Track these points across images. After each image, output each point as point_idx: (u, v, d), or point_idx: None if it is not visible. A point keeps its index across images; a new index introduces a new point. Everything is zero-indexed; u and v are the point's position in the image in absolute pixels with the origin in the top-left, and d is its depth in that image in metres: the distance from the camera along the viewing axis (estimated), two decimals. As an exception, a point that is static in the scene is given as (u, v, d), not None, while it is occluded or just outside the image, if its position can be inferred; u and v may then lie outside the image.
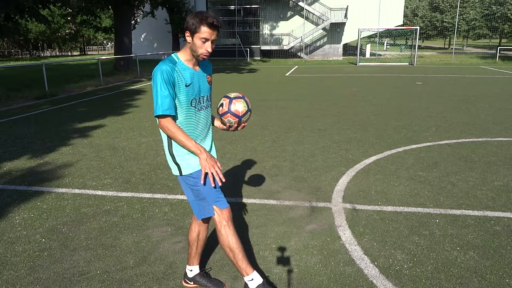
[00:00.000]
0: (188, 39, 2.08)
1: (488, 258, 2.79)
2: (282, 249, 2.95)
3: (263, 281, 2.23)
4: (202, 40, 2.05)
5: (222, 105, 2.29)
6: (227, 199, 3.22)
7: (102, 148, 5.84)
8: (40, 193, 4.12)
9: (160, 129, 2.16)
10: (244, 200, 3.87)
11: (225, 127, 2.35)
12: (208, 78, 2.26)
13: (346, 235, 3.14)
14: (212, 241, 3.06)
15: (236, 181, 4.39)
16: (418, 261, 2.76)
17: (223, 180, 2.10)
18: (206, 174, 2.13)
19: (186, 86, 2.10)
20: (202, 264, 2.74)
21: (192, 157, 2.18)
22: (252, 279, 2.22)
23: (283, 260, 2.79)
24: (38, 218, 3.52)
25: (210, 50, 2.08)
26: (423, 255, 2.83)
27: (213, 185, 2.15)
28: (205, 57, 2.10)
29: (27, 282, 2.57)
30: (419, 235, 3.13)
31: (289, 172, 4.68)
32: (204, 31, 2.03)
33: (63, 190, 4.20)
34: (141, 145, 6.01)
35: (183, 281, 2.56)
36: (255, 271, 2.24)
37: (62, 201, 3.89)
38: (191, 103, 2.14)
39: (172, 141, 2.17)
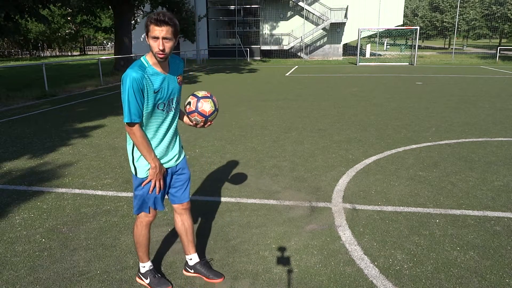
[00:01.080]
0: (148, 41, 2.05)
1: (488, 258, 2.79)
2: (282, 249, 2.95)
3: (151, 269, 2.55)
4: (154, 39, 2.01)
5: (189, 103, 2.32)
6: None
7: (102, 148, 5.84)
8: (40, 193, 4.12)
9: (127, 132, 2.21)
10: (244, 200, 3.87)
11: (191, 123, 2.42)
12: (178, 78, 2.28)
13: (346, 235, 3.14)
14: (211, 240, 3.06)
15: (236, 181, 4.39)
16: (418, 261, 2.76)
17: (156, 192, 2.32)
18: (149, 183, 2.30)
19: (154, 92, 2.11)
20: (202, 254, 2.82)
21: (148, 165, 2.27)
22: (144, 266, 2.55)
23: (283, 260, 2.79)
24: (38, 218, 3.52)
25: (161, 48, 2.01)
26: (423, 255, 2.83)
27: (151, 192, 2.32)
28: (161, 56, 2.04)
29: (27, 282, 2.57)
30: (419, 235, 3.13)
31: (289, 172, 4.68)
32: (153, 29, 1.99)
33: (63, 190, 4.20)
34: (141, 145, 6.01)
35: (183, 270, 2.67)
36: (150, 261, 2.57)
37: (62, 201, 3.89)
38: (158, 106, 2.17)
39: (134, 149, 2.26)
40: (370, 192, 4.02)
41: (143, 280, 2.55)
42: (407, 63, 25.50)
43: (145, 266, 2.55)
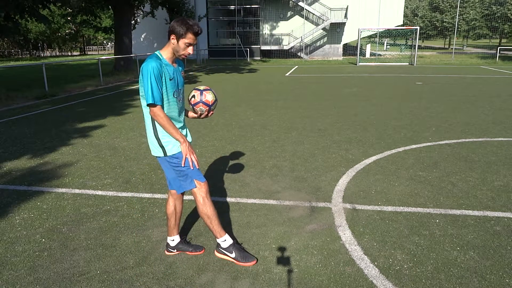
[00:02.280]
0: (173, 41, 2.43)
1: (488, 258, 2.79)
2: (282, 249, 2.95)
3: (233, 242, 2.71)
4: (186, 44, 2.42)
5: (194, 96, 2.62)
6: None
7: (102, 148, 5.84)
8: (40, 193, 4.12)
9: (145, 116, 2.54)
10: (244, 200, 3.87)
11: (196, 115, 2.72)
12: (182, 73, 2.63)
13: (346, 235, 3.14)
14: (212, 240, 3.07)
15: (236, 181, 4.39)
16: (418, 261, 2.76)
17: (197, 166, 2.55)
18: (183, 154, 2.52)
19: (170, 79, 2.46)
20: (182, 234, 3.03)
21: (175, 140, 2.52)
22: (225, 240, 2.70)
23: (283, 260, 2.79)
24: (38, 218, 3.52)
25: (191, 53, 2.47)
26: (423, 255, 2.83)
27: (191, 168, 2.54)
28: (184, 57, 2.48)
29: (27, 282, 2.57)
30: (419, 235, 3.13)
31: (289, 172, 4.68)
32: (190, 37, 2.41)
33: (63, 190, 4.20)
34: (141, 145, 6.01)
35: (165, 251, 2.88)
36: (227, 234, 2.71)
37: (62, 201, 3.89)
38: (173, 94, 2.51)
39: (157, 126, 2.51)
40: (370, 192, 4.02)
41: (227, 255, 2.69)
42: (407, 63, 25.50)
43: (226, 239, 2.68)
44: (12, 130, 7.20)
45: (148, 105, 2.39)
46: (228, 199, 3.89)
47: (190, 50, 2.44)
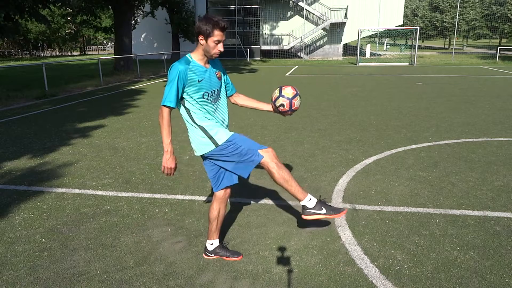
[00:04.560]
0: (202, 42, 2.38)
1: (488, 258, 2.79)
2: (282, 249, 2.95)
3: (317, 200, 2.61)
4: (215, 42, 2.37)
5: (283, 105, 2.67)
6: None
7: (102, 148, 5.84)
8: (40, 193, 4.12)
9: (183, 117, 2.55)
10: (244, 200, 3.87)
11: (278, 109, 2.72)
12: (217, 74, 2.56)
13: (346, 235, 3.14)
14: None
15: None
16: (418, 261, 2.76)
17: (171, 174, 2.51)
18: (235, 135, 2.53)
19: (198, 81, 2.43)
20: (221, 239, 2.97)
21: (220, 127, 2.54)
22: (310, 199, 2.58)
23: (283, 260, 2.79)
24: (38, 218, 3.52)
25: (222, 50, 2.41)
26: (423, 255, 2.83)
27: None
28: (217, 55, 2.45)
29: (27, 282, 2.57)
30: (419, 235, 3.13)
31: (289, 172, 4.68)
32: (217, 34, 2.35)
33: (63, 190, 4.20)
34: (141, 145, 6.02)
35: (204, 255, 2.85)
36: (309, 194, 2.59)
37: (62, 201, 3.89)
38: (203, 95, 2.47)
39: (195, 118, 2.49)
40: (370, 192, 4.02)
41: (318, 213, 2.59)
42: (407, 63, 25.50)
43: (311, 198, 2.61)
44: (12, 130, 7.20)
45: (161, 105, 2.41)
46: (228, 199, 3.88)
47: (220, 47, 2.40)
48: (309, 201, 2.58)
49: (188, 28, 30.14)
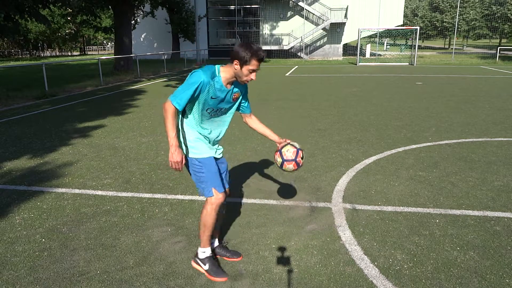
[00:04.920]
0: (236, 67, 2.35)
1: (488, 258, 2.79)
2: (282, 249, 2.95)
3: (210, 256, 2.65)
4: (250, 71, 2.36)
5: (276, 160, 2.81)
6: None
7: (102, 148, 5.84)
8: (40, 193, 4.12)
9: (178, 124, 2.53)
10: (244, 200, 3.87)
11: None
12: (235, 95, 2.55)
13: (346, 235, 3.14)
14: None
15: (236, 181, 4.39)
16: (418, 261, 2.76)
17: (180, 169, 2.44)
18: (208, 161, 2.50)
19: (211, 98, 2.41)
20: (220, 238, 2.97)
21: (202, 142, 2.53)
22: (204, 252, 2.64)
23: (283, 260, 2.79)
24: (38, 218, 3.52)
25: (254, 79, 2.41)
26: (423, 255, 2.83)
27: (206, 174, 2.49)
28: (247, 82, 2.46)
29: (27, 282, 2.57)
30: (419, 235, 3.13)
31: (289, 172, 4.67)
32: (254, 64, 2.34)
33: (63, 190, 4.20)
34: (141, 145, 6.02)
35: (193, 262, 2.77)
36: (209, 248, 2.65)
37: (62, 201, 3.89)
38: (207, 109, 2.47)
39: (184, 127, 2.51)
40: (370, 192, 4.02)
41: (201, 266, 2.64)
42: (407, 63, 25.50)
43: (206, 251, 2.64)
44: (12, 130, 7.20)
45: (169, 98, 2.36)
46: (228, 199, 3.87)
47: (253, 76, 2.39)
48: (203, 252, 2.63)
49: (188, 28, 30.14)
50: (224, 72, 2.41)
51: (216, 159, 2.63)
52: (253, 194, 4.03)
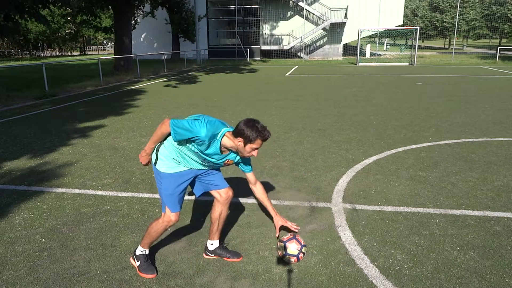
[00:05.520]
0: (240, 144, 2.35)
1: (488, 258, 2.79)
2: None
3: (145, 255, 2.69)
4: (253, 148, 2.37)
5: (278, 248, 2.74)
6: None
7: (102, 148, 5.84)
8: (40, 193, 4.12)
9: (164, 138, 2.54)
10: (244, 200, 3.87)
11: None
12: (228, 161, 2.53)
13: (346, 235, 3.14)
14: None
15: (236, 181, 4.39)
16: (418, 261, 2.76)
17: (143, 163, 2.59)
18: (170, 178, 2.52)
19: (200, 152, 2.41)
20: (221, 239, 2.97)
21: (173, 163, 2.52)
22: (142, 251, 2.68)
23: (283, 260, 2.79)
24: (38, 218, 3.52)
25: (256, 155, 2.42)
26: (423, 255, 2.83)
27: (168, 194, 2.53)
28: (247, 157, 2.49)
29: (27, 282, 2.57)
30: (419, 235, 3.13)
31: (289, 172, 4.68)
32: (258, 143, 2.36)
33: (63, 190, 4.20)
34: (141, 145, 6.01)
35: (204, 254, 2.87)
36: (147, 249, 2.70)
37: (62, 201, 3.89)
38: (195, 153, 2.43)
39: (166, 144, 2.52)
40: (370, 192, 4.02)
41: (135, 262, 2.70)
42: (407, 63, 25.50)
43: (143, 251, 2.69)
44: (12, 130, 7.20)
45: (170, 122, 2.33)
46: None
47: (255, 153, 2.40)
48: (140, 251, 2.68)
49: (188, 28, 30.13)
50: (226, 141, 2.38)
51: (200, 169, 2.61)
52: (253, 194, 4.02)
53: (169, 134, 2.45)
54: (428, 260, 2.77)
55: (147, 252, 2.70)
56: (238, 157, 2.56)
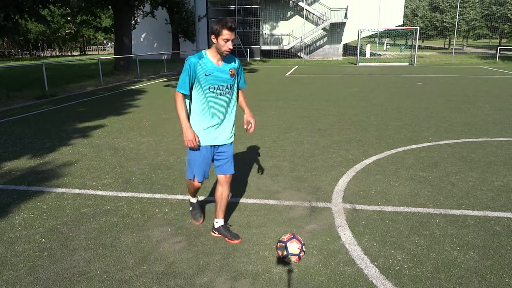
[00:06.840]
0: (214, 40, 2.67)
1: (488, 258, 2.79)
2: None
3: (196, 203, 3.36)
4: (224, 40, 2.64)
5: (279, 248, 2.74)
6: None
7: (102, 148, 5.84)
8: (40, 193, 4.12)
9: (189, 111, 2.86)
10: (244, 200, 3.87)
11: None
12: (231, 71, 2.81)
13: (346, 235, 3.14)
14: (211, 240, 3.06)
15: (236, 181, 4.39)
16: (418, 261, 2.76)
17: (195, 147, 2.82)
18: (196, 152, 2.86)
19: (205, 75, 2.71)
20: (225, 221, 3.23)
21: (199, 131, 2.83)
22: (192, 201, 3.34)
23: (283, 260, 2.79)
24: (38, 218, 3.52)
25: (231, 47, 2.67)
26: (423, 255, 2.83)
27: (195, 161, 2.89)
28: (227, 53, 2.70)
29: (27, 282, 2.57)
30: (419, 235, 3.13)
31: (289, 172, 4.68)
32: (226, 33, 2.63)
33: (63, 190, 4.20)
34: (141, 145, 6.01)
35: (211, 232, 3.17)
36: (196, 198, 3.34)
37: (62, 201, 3.89)
38: (209, 88, 2.75)
39: (192, 108, 2.83)
40: (370, 192, 4.02)
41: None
42: (407, 63, 25.50)
43: (192, 200, 3.33)
44: (12, 130, 7.20)
45: (176, 91, 2.76)
46: (229, 199, 3.88)
47: (229, 45, 2.65)
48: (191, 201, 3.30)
49: (188, 28, 30.13)
50: (209, 51, 2.75)
51: (216, 146, 2.91)
52: (253, 194, 4.03)
53: (185, 104, 2.81)
54: (428, 260, 2.77)
55: (197, 200, 3.32)
56: (236, 64, 2.86)
